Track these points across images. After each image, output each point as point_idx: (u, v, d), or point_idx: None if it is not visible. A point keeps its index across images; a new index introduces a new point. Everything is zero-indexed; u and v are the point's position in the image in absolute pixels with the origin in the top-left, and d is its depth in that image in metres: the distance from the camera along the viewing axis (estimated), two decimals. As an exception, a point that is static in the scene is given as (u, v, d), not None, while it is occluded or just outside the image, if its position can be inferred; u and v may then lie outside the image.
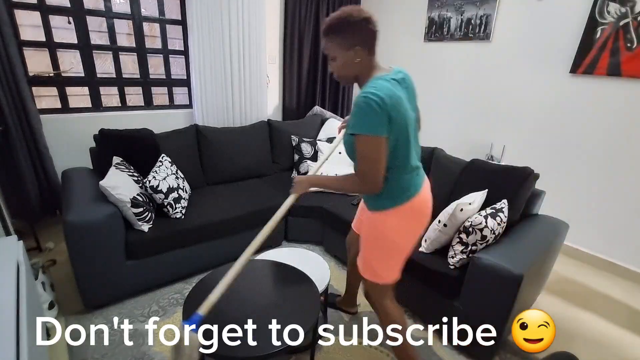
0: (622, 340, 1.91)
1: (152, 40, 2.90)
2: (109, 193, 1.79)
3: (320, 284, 1.69)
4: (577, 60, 2.44)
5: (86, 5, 2.50)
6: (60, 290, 2.00)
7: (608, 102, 2.38)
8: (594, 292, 2.33)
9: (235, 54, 3.09)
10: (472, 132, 3.19)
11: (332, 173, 2.65)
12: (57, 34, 2.48)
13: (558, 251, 1.98)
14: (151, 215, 2.00)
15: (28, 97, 2.26)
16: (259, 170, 2.94)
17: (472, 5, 2.94)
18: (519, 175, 1.86)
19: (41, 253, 2.34)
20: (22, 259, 1.41)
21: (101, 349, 1.64)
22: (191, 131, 2.66)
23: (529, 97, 2.77)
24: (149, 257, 1.96)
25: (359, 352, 1.72)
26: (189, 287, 2.10)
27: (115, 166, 1.98)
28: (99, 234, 1.73)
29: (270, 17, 3.37)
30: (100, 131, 2.17)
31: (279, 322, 1.33)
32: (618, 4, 2.21)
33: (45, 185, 2.47)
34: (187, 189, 2.34)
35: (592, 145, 2.50)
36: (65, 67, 2.59)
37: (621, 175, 2.40)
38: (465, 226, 1.67)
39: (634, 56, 2.20)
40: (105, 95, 2.79)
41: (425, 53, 3.41)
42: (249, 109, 3.35)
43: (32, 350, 1.09)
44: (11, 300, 1.15)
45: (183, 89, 3.20)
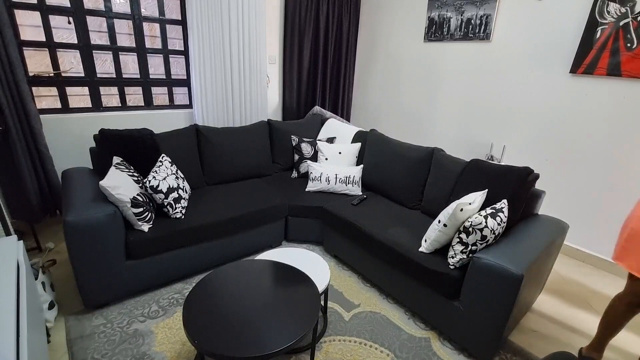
0: (622, 341, 1.91)
1: (152, 40, 2.90)
2: (109, 193, 1.79)
3: (320, 284, 1.69)
4: (577, 60, 2.45)
5: (86, 5, 2.51)
6: (60, 290, 2.00)
7: (608, 102, 2.38)
8: (594, 292, 2.33)
9: (235, 54, 3.10)
10: (472, 132, 3.19)
11: (332, 173, 2.65)
12: (57, 34, 2.48)
13: (558, 251, 1.98)
14: (151, 215, 2.00)
15: (28, 97, 2.26)
16: (259, 170, 2.94)
17: (472, 5, 2.94)
18: (519, 175, 1.86)
19: (41, 253, 2.34)
20: (22, 259, 1.41)
21: (101, 349, 1.64)
22: (191, 131, 2.66)
23: (529, 97, 2.77)
24: (149, 257, 1.97)
25: (359, 352, 1.72)
26: (189, 287, 2.10)
27: (115, 166, 1.98)
28: (99, 234, 1.73)
29: (270, 17, 3.38)
30: (100, 131, 2.17)
31: (279, 322, 1.33)
32: (618, 4, 2.21)
33: (45, 185, 2.47)
34: (187, 189, 2.34)
35: (592, 145, 2.50)
36: (65, 67, 2.59)
37: (621, 175, 2.40)
38: (465, 226, 1.67)
39: (634, 56, 2.20)
40: (105, 95, 2.79)
41: (425, 53, 3.42)
42: (249, 109, 3.35)
43: (32, 350, 1.09)
44: (11, 300, 1.15)
45: (183, 89, 3.20)
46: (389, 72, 3.79)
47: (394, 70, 3.74)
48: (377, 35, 3.84)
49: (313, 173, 2.69)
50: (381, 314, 1.99)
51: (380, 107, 4.01)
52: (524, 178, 1.84)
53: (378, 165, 2.68)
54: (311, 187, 2.69)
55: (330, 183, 2.65)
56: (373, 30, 3.86)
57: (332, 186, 2.66)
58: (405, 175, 2.49)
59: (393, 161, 2.58)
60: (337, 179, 2.65)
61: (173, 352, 1.65)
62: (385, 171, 2.62)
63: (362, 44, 4.03)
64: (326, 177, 2.65)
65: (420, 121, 3.61)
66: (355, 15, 3.91)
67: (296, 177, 2.98)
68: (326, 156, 2.85)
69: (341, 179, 2.65)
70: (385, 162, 2.64)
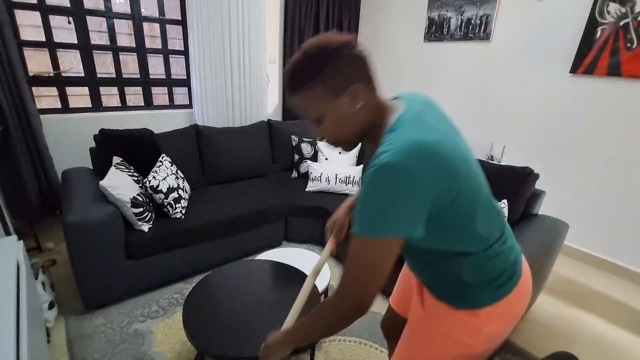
0: (622, 341, 1.91)
1: (152, 40, 2.90)
2: (109, 193, 1.79)
3: (320, 284, 1.69)
4: (577, 60, 2.44)
5: (86, 5, 2.50)
6: (60, 290, 2.00)
7: (608, 102, 2.38)
8: (594, 292, 2.33)
9: (235, 54, 3.10)
10: (472, 132, 3.19)
11: (332, 173, 2.65)
12: (57, 34, 2.48)
13: (558, 251, 1.98)
14: (151, 215, 2.00)
15: (28, 97, 2.26)
16: (259, 170, 2.94)
17: (472, 5, 2.94)
18: (519, 175, 1.86)
19: (41, 253, 2.34)
20: (22, 259, 1.41)
21: (101, 349, 1.64)
22: (191, 131, 2.66)
23: (529, 97, 2.77)
24: (149, 257, 1.96)
25: (358, 351, 1.72)
26: (189, 287, 2.10)
27: (115, 166, 1.98)
28: (99, 234, 1.73)
29: (270, 17, 3.37)
30: (100, 131, 2.17)
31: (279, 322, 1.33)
32: (618, 4, 2.21)
33: (45, 185, 2.47)
34: (187, 189, 2.34)
35: (592, 145, 2.50)
36: (65, 67, 2.59)
37: (621, 175, 2.40)
38: (465, 226, 1.67)
39: (634, 56, 2.20)
40: (105, 95, 2.79)
41: (425, 53, 3.41)
42: (249, 109, 3.35)
43: (32, 350, 1.09)
44: (11, 300, 1.15)
45: (183, 89, 3.20)
46: (389, 72, 3.79)
47: (394, 70, 3.74)
48: (377, 35, 3.83)
49: (313, 173, 2.69)
50: (381, 314, 1.98)
51: (380, 107, 4.00)
52: (524, 178, 1.84)
53: (378, 165, 2.68)
54: (311, 187, 2.69)
55: (330, 183, 2.65)
56: (373, 30, 3.86)
57: (332, 186, 2.66)
58: (405, 175, 2.49)
59: (393, 161, 2.58)
60: (337, 179, 2.65)
61: (173, 352, 1.65)
62: (385, 171, 2.62)
63: (362, 43, 4.03)
64: (326, 177, 2.65)
65: (420, 121, 3.60)
66: (355, 15, 3.90)
67: (296, 177, 2.98)
68: (326, 156, 2.85)
69: (341, 179, 2.65)
70: (385, 162, 2.63)
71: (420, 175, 0.64)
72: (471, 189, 0.73)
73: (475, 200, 0.75)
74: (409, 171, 0.63)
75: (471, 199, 0.73)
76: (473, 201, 0.74)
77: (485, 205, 0.79)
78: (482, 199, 0.78)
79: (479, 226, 0.76)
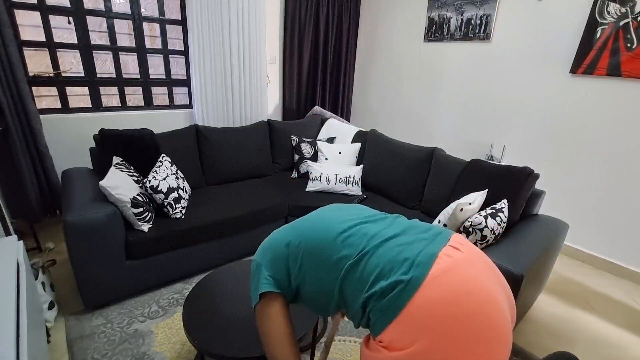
0: (622, 341, 1.91)
1: (152, 40, 2.90)
2: (109, 193, 1.79)
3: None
4: (577, 60, 2.45)
5: (86, 5, 2.50)
6: (60, 290, 2.00)
7: (608, 102, 2.38)
8: (594, 292, 2.33)
9: (235, 54, 3.10)
10: (472, 132, 3.19)
11: (332, 173, 2.65)
12: (57, 34, 2.48)
13: (558, 251, 1.98)
14: (151, 215, 2.00)
15: (28, 97, 2.26)
16: (259, 170, 2.94)
17: (472, 5, 2.94)
18: (519, 175, 1.86)
19: (41, 253, 2.34)
20: (22, 259, 1.41)
21: (101, 349, 1.64)
22: (191, 131, 2.66)
23: (529, 97, 2.77)
24: (149, 257, 1.96)
25: (358, 351, 1.72)
26: (189, 287, 2.10)
27: (115, 166, 1.98)
28: (99, 234, 1.73)
29: (270, 17, 3.38)
30: (100, 131, 2.17)
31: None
32: (618, 4, 2.21)
33: (45, 185, 2.47)
34: (187, 189, 2.34)
35: (592, 145, 2.50)
36: (65, 67, 2.59)
37: (621, 175, 2.40)
38: (465, 226, 1.67)
39: (634, 56, 2.20)
40: (105, 95, 2.79)
41: (425, 53, 3.42)
42: (249, 109, 3.35)
43: (32, 350, 1.09)
44: (11, 300, 1.15)
45: (183, 89, 3.20)
46: (389, 72, 3.79)
47: (394, 70, 3.74)
48: (377, 35, 3.84)
49: (313, 173, 2.69)
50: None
51: (380, 107, 4.01)
52: (524, 178, 1.85)
53: (378, 165, 2.68)
54: (311, 187, 2.69)
55: (330, 183, 2.65)
56: (373, 30, 3.86)
57: (332, 186, 2.65)
58: (405, 175, 2.49)
59: (393, 161, 2.58)
60: (337, 179, 2.65)
61: (173, 352, 1.65)
62: (385, 171, 2.62)
63: (362, 43, 4.03)
64: (326, 177, 2.65)
65: (420, 121, 3.61)
66: (355, 15, 3.91)
67: (296, 177, 2.98)
68: (326, 156, 2.85)
69: (341, 179, 2.65)
70: (385, 162, 2.64)
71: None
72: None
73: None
74: None
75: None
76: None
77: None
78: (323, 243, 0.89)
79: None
